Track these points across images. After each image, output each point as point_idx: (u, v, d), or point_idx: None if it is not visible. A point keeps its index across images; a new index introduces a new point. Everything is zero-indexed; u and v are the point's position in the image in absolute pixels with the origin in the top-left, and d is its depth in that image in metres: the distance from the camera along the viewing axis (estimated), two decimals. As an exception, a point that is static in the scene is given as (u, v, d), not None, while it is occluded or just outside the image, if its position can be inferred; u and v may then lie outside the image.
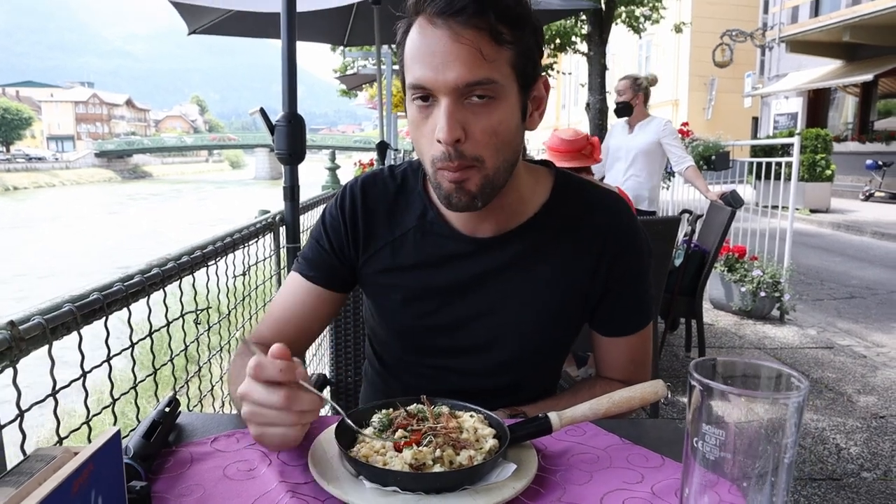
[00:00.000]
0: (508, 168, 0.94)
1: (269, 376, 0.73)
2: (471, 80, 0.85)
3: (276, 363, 0.73)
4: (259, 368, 0.73)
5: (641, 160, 4.25)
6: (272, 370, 0.73)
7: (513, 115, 0.91)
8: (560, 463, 0.83)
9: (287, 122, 2.07)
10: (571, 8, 5.52)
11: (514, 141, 0.93)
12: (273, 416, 0.74)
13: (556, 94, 33.29)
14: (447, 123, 0.86)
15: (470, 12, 0.84)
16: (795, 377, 0.56)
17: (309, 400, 0.75)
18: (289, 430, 0.75)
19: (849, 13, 14.39)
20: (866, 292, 6.23)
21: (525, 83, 0.92)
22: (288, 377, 0.73)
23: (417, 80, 0.87)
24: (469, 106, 0.87)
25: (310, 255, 1.10)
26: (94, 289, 0.97)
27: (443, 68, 0.85)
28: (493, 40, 0.86)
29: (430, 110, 0.89)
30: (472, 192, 0.91)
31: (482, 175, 0.91)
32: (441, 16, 0.85)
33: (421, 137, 0.92)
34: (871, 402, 3.35)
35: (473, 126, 0.88)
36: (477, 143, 0.89)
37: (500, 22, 0.86)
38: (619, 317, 1.08)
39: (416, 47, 0.88)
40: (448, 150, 0.88)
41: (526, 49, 0.90)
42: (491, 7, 0.85)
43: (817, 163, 12.12)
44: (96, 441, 0.61)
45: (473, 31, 0.84)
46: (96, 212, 27.40)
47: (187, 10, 4.06)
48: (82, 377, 0.96)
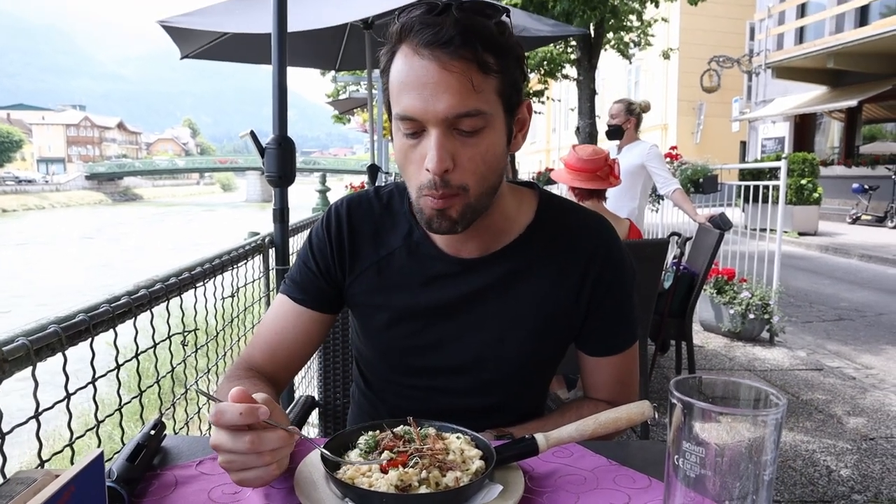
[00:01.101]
0: (491, 193, 0.95)
1: (229, 422, 0.72)
2: (461, 111, 0.86)
3: (236, 408, 0.72)
4: (219, 415, 0.72)
5: (624, 184, 4.27)
6: (232, 416, 0.72)
7: (499, 141, 0.93)
8: (547, 484, 0.83)
9: (277, 144, 2.08)
10: (561, 34, 5.60)
11: (499, 166, 0.95)
12: (245, 461, 0.73)
13: (546, 118, 33.60)
14: (437, 154, 0.87)
15: (457, 44, 0.84)
16: (774, 394, 0.57)
17: (276, 438, 0.74)
18: (264, 472, 0.74)
19: (832, 40, 14.66)
20: (855, 314, 6.27)
21: (510, 109, 0.93)
22: (250, 420, 0.72)
23: (406, 110, 0.87)
24: (458, 135, 0.88)
25: (297, 277, 1.10)
26: (80, 310, 0.97)
27: (432, 99, 0.85)
28: (481, 70, 0.86)
29: (419, 139, 0.89)
30: (453, 218, 0.92)
31: (465, 203, 0.92)
32: (428, 47, 0.85)
33: (408, 164, 0.92)
34: (861, 424, 3.36)
35: (462, 155, 0.89)
36: (464, 172, 0.90)
37: (486, 52, 0.86)
38: (605, 337, 1.09)
39: (404, 77, 0.88)
40: (435, 180, 0.88)
41: (511, 77, 0.91)
42: (477, 38, 0.85)
43: (804, 186, 12.25)
44: (78, 464, 0.60)
45: (461, 61, 0.85)
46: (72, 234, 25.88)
47: (179, 35, 4.09)
48: (66, 399, 0.95)
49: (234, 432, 0.73)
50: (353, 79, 14.66)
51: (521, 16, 4.83)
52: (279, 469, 0.76)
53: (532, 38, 4.72)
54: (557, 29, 5.31)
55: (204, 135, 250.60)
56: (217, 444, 0.74)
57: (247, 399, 0.74)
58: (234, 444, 0.73)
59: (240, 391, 0.74)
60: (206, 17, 3.90)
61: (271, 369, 1.08)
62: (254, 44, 4.33)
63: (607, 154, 3.09)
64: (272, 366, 1.08)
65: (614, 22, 10.17)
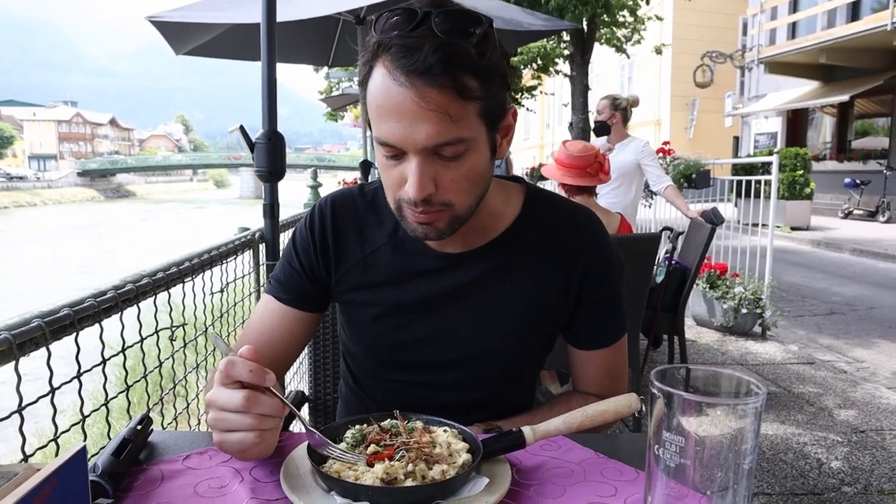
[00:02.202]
0: (477, 202, 0.95)
1: (237, 375, 0.74)
2: (440, 141, 0.84)
3: (247, 364, 0.74)
4: (230, 366, 0.74)
5: (620, 180, 4.28)
6: (242, 370, 0.74)
7: (483, 158, 0.91)
8: (534, 477, 0.83)
9: (267, 139, 2.07)
10: (554, 28, 5.59)
11: (484, 179, 0.94)
12: (233, 419, 0.75)
13: (540, 114, 33.59)
14: (418, 181, 0.85)
15: (436, 72, 0.80)
16: (754, 384, 0.57)
17: (270, 404, 0.75)
18: (247, 436, 0.75)
19: (824, 35, 14.70)
20: (846, 308, 6.31)
21: (493, 125, 0.90)
22: (257, 378, 0.74)
23: (385, 137, 0.85)
24: (439, 158, 0.86)
25: (282, 277, 1.10)
26: (64, 304, 0.96)
27: (411, 129, 0.82)
28: (460, 97, 0.82)
29: (399, 161, 0.88)
30: (440, 228, 0.92)
31: (451, 216, 0.91)
32: (405, 73, 0.80)
33: (388, 178, 0.91)
34: (852, 417, 3.38)
35: (444, 177, 0.88)
36: (447, 191, 0.89)
37: (467, 76, 0.82)
38: (593, 330, 1.08)
39: (381, 102, 0.84)
40: (416, 201, 0.87)
41: (494, 98, 0.87)
42: (456, 65, 0.81)
43: (797, 181, 12.30)
44: (60, 457, 0.60)
45: (439, 90, 0.80)
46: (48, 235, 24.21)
47: (170, 32, 4.06)
48: (51, 394, 0.94)
49: (233, 389, 0.74)
50: (345, 74, 14.59)
51: (514, 10, 4.81)
52: (261, 441, 0.76)
53: (524, 32, 4.70)
54: (550, 23, 5.29)
55: (197, 131, 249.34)
56: (213, 399, 0.75)
57: (256, 359, 0.76)
58: (229, 400, 0.74)
59: (251, 349, 0.76)
60: (195, 10, 3.87)
61: None
62: (246, 40, 4.30)
63: (597, 150, 3.08)
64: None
65: (607, 17, 10.16)
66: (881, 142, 15.93)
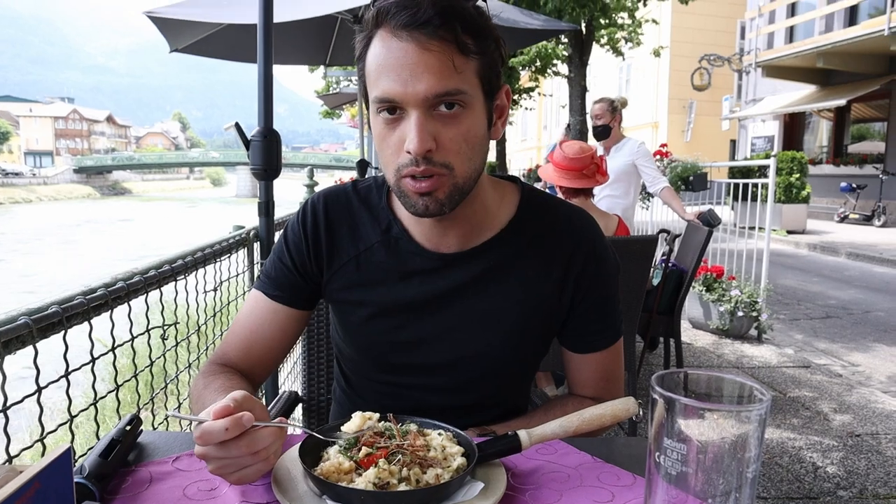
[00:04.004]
0: (476, 176, 0.94)
1: (217, 440, 0.71)
2: (440, 91, 0.85)
3: (220, 424, 0.70)
4: (206, 436, 0.71)
5: (617, 181, 4.28)
6: (218, 433, 0.70)
7: (480, 123, 0.92)
8: (530, 482, 0.82)
9: (262, 136, 2.05)
10: (552, 28, 5.58)
11: (482, 148, 0.93)
12: (240, 462, 0.72)
13: (538, 116, 33.59)
14: (418, 135, 0.85)
15: (436, 24, 0.83)
16: (758, 389, 0.55)
17: (268, 435, 0.74)
18: (263, 465, 0.74)
19: (822, 40, 14.72)
20: (842, 312, 6.31)
21: (490, 92, 0.92)
22: (236, 433, 0.71)
23: (385, 93, 0.86)
24: (438, 116, 0.87)
25: (272, 273, 1.08)
26: (53, 301, 0.94)
27: (412, 80, 0.84)
28: (460, 51, 0.86)
29: (398, 122, 0.88)
30: (440, 199, 0.90)
31: (452, 183, 0.90)
32: (406, 28, 0.84)
33: (386, 148, 0.90)
34: (847, 421, 3.37)
35: (443, 135, 0.88)
36: (447, 152, 0.88)
37: (465, 33, 0.86)
38: (589, 333, 1.07)
39: (382, 60, 0.86)
40: (417, 159, 0.87)
41: (490, 59, 0.90)
42: (456, 18, 0.85)
43: (793, 185, 12.31)
44: (44, 459, 0.58)
45: (440, 42, 0.84)
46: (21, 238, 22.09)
47: (167, 28, 4.04)
48: (37, 393, 0.92)
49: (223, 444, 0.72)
50: (343, 73, 14.58)
51: (513, 10, 4.81)
52: (276, 458, 0.76)
53: (523, 30, 4.69)
54: (548, 24, 5.29)
55: (194, 129, 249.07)
56: (204, 455, 0.73)
57: (227, 412, 0.72)
58: (227, 453, 0.72)
59: (220, 408, 0.72)
60: (193, 7, 3.86)
61: (246, 366, 1.06)
62: (243, 41, 4.28)
63: (594, 151, 3.08)
64: (247, 363, 1.06)
65: (605, 19, 10.16)
66: (877, 146, 15.96)
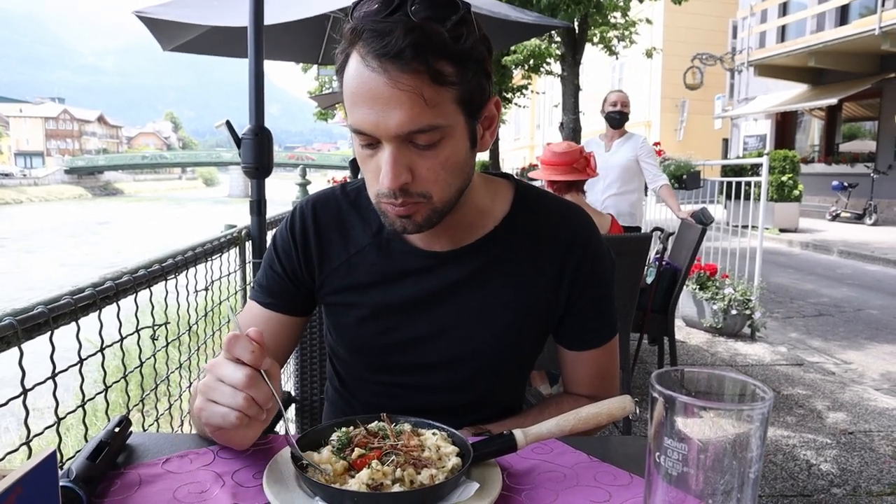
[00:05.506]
0: (458, 195, 0.92)
1: (237, 352, 0.75)
2: (413, 129, 0.81)
3: (251, 344, 0.75)
4: (233, 340, 0.75)
5: (621, 177, 4.30)
6: (243, 349, 0.75)
7: (461, 147, 0.88)
8: (525, 482, 0.80)
9: (254, 134, 2.04)
10: (544, 24, 5.57)
11: (463, 170, 0.91)
12: (225, 392, 0.75)
13: (531, 114, 33.63)
14: (392, 170, 0.83)
15: (408, 56, 0.78)
16: (760, 388, 0.54)
17: (264, 391, 0.76)
18: (230, 413, 0.75)
19: (813, 39, 14.79)
20: (834, 310, 6.34)
21: (473, 113, 0.88)
22: (256, 362, 0.75)
23: (359, 125, 0.83)
24: (414, 147, 0.84)
25: (264, 282, 1.07)
26: (39, 302, 0.93)
27: (384, 116, 0.80)
28: (434, 82, 0.80)
29: (376, 150, 0.85)
30: (418, 222, 0.89)
31: (429, 209, 0.89)
32: (377, 58, 0.79)
33: (367, 171, 0.89)
34: (841, 419, 3.38)
35: (420, 166, 0.85)
36: (424, 181, 0.86)
37: (441, 61, 0.80)
38: (584, 330, 1.06)
39: (355, 89, 0.82)
40: (393, 191, 0.85)
41: (472, 84, 0.84)
42: (429, 49, 0.79)
43: (785, 183, 12.37)
44: (28, 463, 0.57)
45: (412, 75, 0.78)
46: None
47: (158, 28, 4.00)
48: (22, 395, 0.91)
49: (238, 365, 0.75)
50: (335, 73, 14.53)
51: (506, 7, 4.80)
52: (240, 425, 0.76)
53: (514, 24, 4.68)
54: (541, 19, 5.29)
55: (186, 129, 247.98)
56: (214, 365, 0.77)
57: (261, 343, 0.77)
58: (231, 374, 0.75)
59: (258, 332, 0.77)
60: (183, 8, 3.82)
61: None
62: (236, 37, 4.24)
63: (581, 147, 3.15)
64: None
65: (598, 17, 10.17)
66: (868, 145, 16.06)
